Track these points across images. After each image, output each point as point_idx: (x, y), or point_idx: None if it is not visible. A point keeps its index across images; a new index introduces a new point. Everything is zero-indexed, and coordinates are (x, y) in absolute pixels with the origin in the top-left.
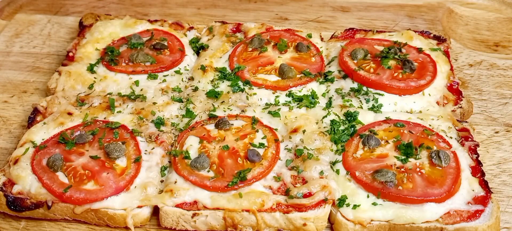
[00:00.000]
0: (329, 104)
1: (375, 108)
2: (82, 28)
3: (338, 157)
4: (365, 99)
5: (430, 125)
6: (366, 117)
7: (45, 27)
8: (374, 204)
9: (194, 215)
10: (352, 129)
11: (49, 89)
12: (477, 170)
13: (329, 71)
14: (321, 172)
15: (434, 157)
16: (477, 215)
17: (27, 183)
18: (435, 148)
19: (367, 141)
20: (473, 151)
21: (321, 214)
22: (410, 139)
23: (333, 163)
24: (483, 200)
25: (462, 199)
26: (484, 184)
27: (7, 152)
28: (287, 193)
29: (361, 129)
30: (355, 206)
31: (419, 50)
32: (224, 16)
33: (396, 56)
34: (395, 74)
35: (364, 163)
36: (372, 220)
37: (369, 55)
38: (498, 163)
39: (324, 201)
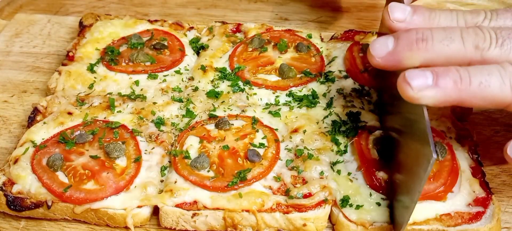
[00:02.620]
0: (330, 104)
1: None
2: (82, 28)
3: (339, 157)
4: (367, 100)
5: None
6: (368, 117)
7: (45, 27)
8: (378, 204)
9: (194, 215)
10: (354, 129)
11: (49, 89)
12: (478, 171)
13: (330, 72)
14: (322, 172)
15: None
16: (479, 217)
17: (27, 182)
18: None
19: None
20: (473, 151)
21: (321, 215)
22: None
23: (333, 163)
24: (483, 202)
25: (463, 200)
26: (484, 185)
27: (7, 152)
28: (287, 193)
29: (364, 128)
30: (358, 206)
31: None
32: (224, 16)
33: None
34: None
35: (377, 163)
36: (374, 222)
37: None
38: (498, 163)
39: (324, 201)
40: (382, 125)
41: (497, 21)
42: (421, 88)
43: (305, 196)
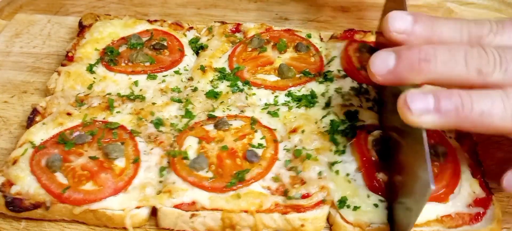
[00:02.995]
0: (328, 104)
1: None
2: (82, 28)
3: (337, 157)
4: (365, 97)
5: None
6: (366, 115)
7: (45, 27)
8: (376, 205)
9: (192, 215)
10: (352, 128)
11: (48, 89)
12: (478, 171)
13: (329, 71)
14: (320, 173)
15: (432, 153)
16: (479, 217)
17: (26, 183)
18: (432, 141)
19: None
20: (473, 150)
21: (319, 215)
22: None
23: (332, 164)
24: (484, 203)
25: (463, 201)
26: (484, 186)
27: (7, 152)
28: (285, 193)
29: (364, 128)
30: (355, 208)
31: None
32: (224, 16)
33: None
34: None
35: (376, 164)
36: (371, 224)
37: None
38: (498, 163)
39: (323, 202)
40: (381, 123)
41: (503, 35)
42: (422, 113)
43: (304, 197)
